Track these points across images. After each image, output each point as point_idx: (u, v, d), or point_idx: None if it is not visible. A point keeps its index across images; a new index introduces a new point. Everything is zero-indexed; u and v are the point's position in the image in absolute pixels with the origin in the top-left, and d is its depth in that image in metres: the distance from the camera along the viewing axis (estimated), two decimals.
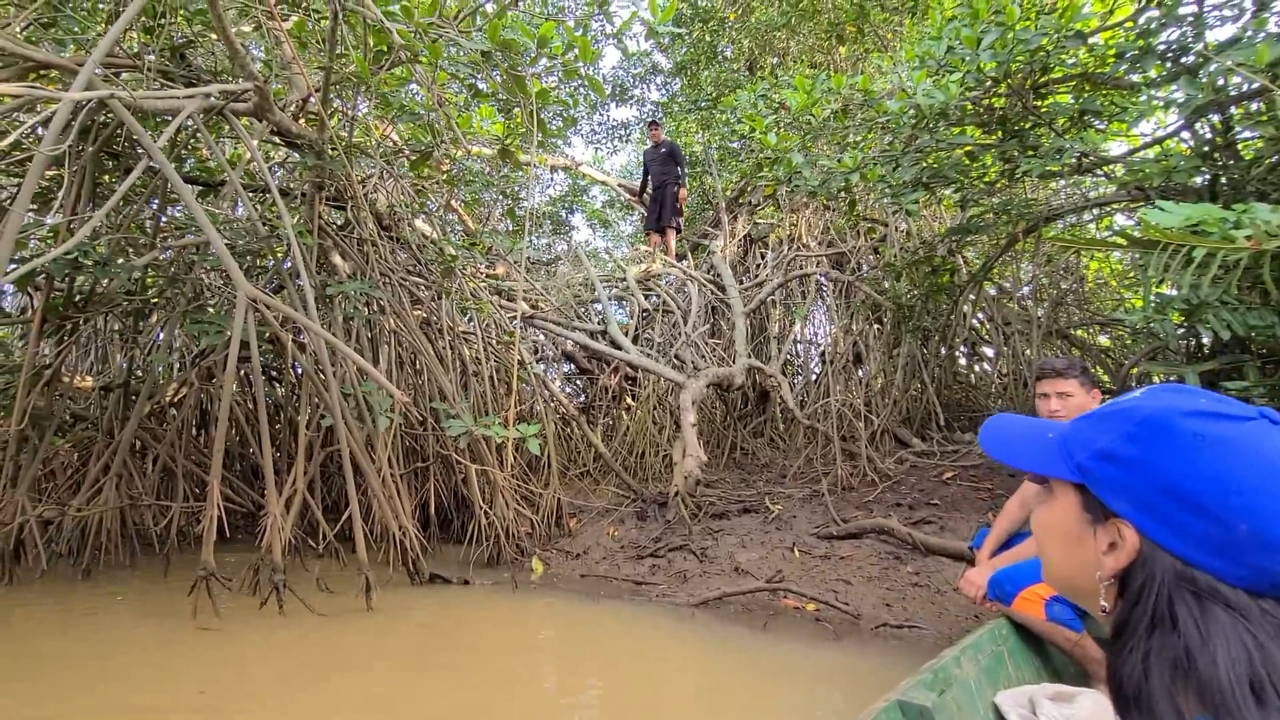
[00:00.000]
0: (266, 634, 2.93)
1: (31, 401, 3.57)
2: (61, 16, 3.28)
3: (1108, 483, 0.65)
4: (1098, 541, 0.66)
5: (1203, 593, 0.57)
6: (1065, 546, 0.70)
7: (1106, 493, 0.65)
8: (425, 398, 4.83)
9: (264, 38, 4.50)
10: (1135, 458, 0.63)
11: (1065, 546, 0.70)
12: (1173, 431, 0.62)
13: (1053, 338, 5.75)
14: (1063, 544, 0.70)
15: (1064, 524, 0.70)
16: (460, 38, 3.39)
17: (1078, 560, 0.68)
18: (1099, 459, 0.66)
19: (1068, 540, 0.69)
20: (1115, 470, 0.64)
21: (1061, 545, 0.71)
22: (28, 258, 3.81)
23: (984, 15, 3.64)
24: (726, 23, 8.63)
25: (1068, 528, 0.69)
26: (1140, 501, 0.62)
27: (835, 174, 4.36)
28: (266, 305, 3.14)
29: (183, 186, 3.04)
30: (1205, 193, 3.45)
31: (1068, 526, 0.69)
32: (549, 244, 11.30)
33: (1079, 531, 0.68)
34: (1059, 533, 0.71)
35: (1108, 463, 0.65)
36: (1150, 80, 3.57)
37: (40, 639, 2.79)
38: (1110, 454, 0.65)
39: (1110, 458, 0.65)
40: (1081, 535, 0.68)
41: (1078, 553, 0.68)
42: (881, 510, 4.24)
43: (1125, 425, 0.65)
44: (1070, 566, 0.70)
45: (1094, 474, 0.66)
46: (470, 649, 3.00)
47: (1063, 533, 0.70)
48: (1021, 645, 1.99)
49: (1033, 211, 4.51)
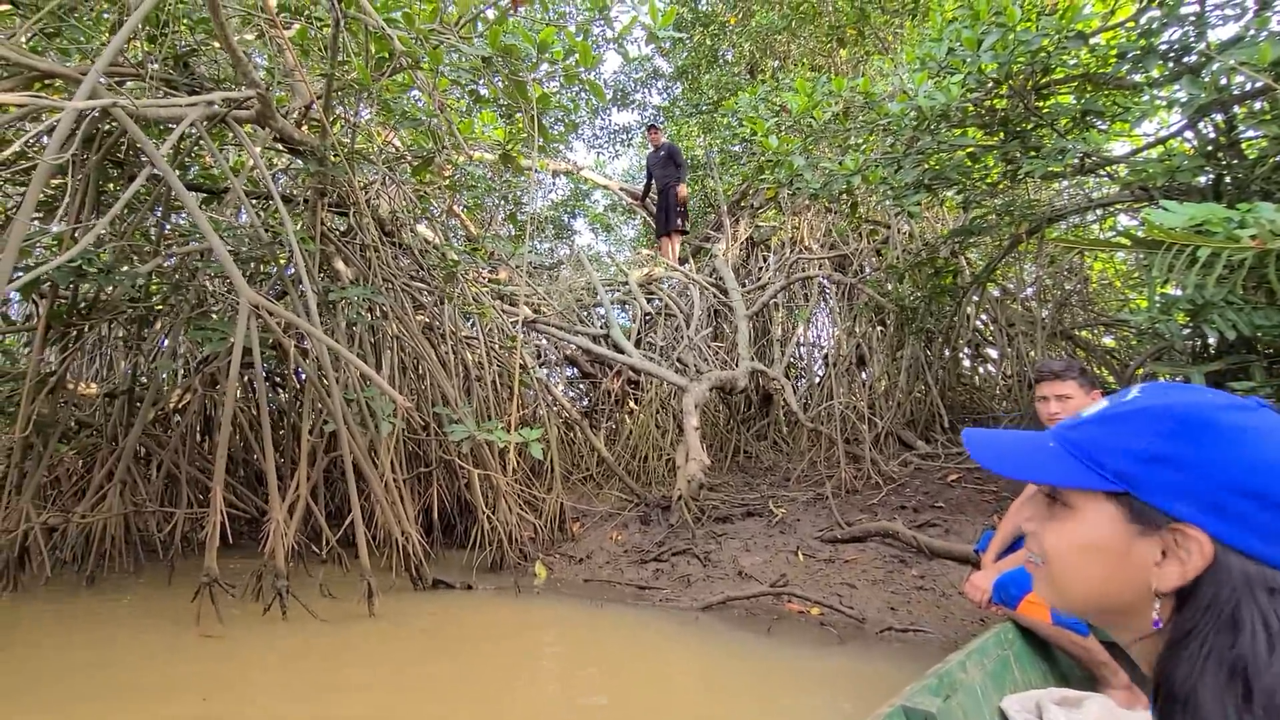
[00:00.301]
0: (270, 641, 2.92)
1: (36, 409, 3.58)
2: (66, 26, 3.30)
3: (1162, 487, 0.60)
4: (1146, 553, 0.60)
5: (1278, 591, 0.55)
6: (1106, 564, 0.63)
7: (1163, 498, 0.60)
8: (428, 403, 4.83)
9: (266, 45, 4.52)
10: (1188, 457, 0.59)
11: (1106, 564, 0.63)
12: (1219, 426, 0.60)
13: (1057, 339, 5.72)
14: (1102, 562, 0.63)
15: (1101, 539, 0.63)
16: (461, 44, 3.41)
17: (1123, 577, 0.62)
18: (1144, 463, 0.61)
19: (1109, 557, 0.63)
20: (1169, 472, 0.60)
21: (1100, 563, 0.63)
22: (32, 265, 3.83)
23: (984, 17, 3.63)
24: (727, 27, 8.64)
25: (1108, 543, 0.63)
26: (1206, 502, 0.58)
27: (837, 176, 4.35)
28: (269, 311, 3.15)
29: (185, 194, 3.05)
30: (1209, 192, 3.43)
31: (1108, 541, 0.63)
32: (551, 248, 11.32)
33: (1123, 545, 0.62)
34: (1095, 550, 0.63)
35: (1157, 465, 0.60)
36: (1152, 80, 3.56)
37: (44, 647, 2.79)
38: (1157, 456, 0.61)
39: (1159, 460, 0.60)
40: (1128, 548, 0.62)
41: (1122, 569, 0.62)
42: (886, 513, 4.22)
43: (1160, 424, 0.62)
44: (1113, 585, 0.63)
45: (1143, 480, 0.61)
46: (473, 655, 2.99)
47: (1102, 549, 0.63)
48: (1028, 649, 1.98)
49: (1035, 213, 4.49)
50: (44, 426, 3.73)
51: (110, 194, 4.03)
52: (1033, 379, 2.47)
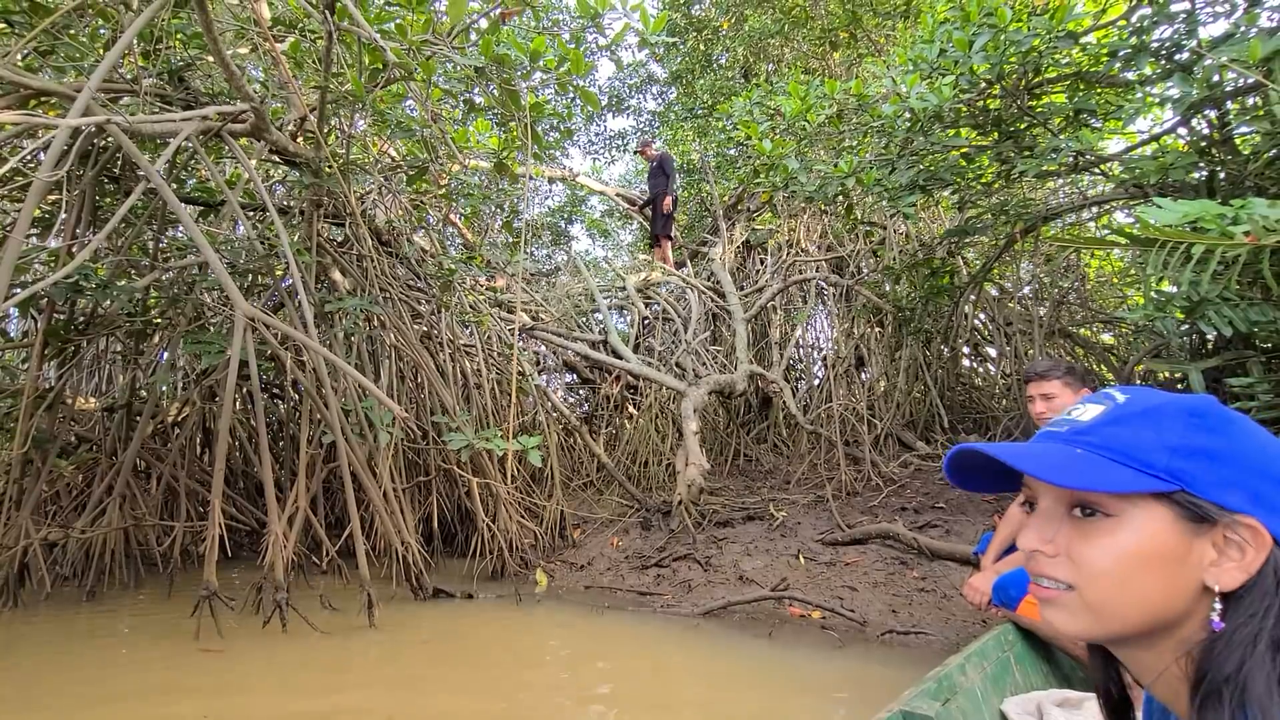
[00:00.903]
0: (270, 654, 2.92)
1: (34, 424, 3.58)
2: (60, 44, 3.32)
3: (1215, 481, 0.57)
4: (1200, 552, 0.57)
5: None
6: (1165, 572, 0.57)
7: (1214, 490, 0.57)
8: (426, 412, 4.83)
9: (260, 59, 4.54)
10: (1224, 449, 0.58)
11: (1165, 572, 0.57)
12: (1231, 416, 0.60)
13: (1055, 337, 5.72)
14: (1162, 570, 0.57)
15: (1159, 545, 0.57)
16: (455, 54, 3.42)
17: (1181, 583, 0.57)
18: (1188, 457, 0.58)
19: (1168, 563, 0.57)
20: (1216, 466, 0.57)
21: (1159, 572, 0.57)
22: (29, 282, 3.84)
23: (975, 18, 3.65)
24: (720, 31, 8.67)
25: (1166, 547, 0.57)
26: (1250, 492, 0.56)
27: (832, 179, 4.36)
28: (265, 324, 3.15)
29: (180, 208, 3.06)
30: (1203, 188, 3.44)
31: (1166, 546, 0.57)
32: (549, 254, 11.34)
33: (1182, 547, 0.57)
34: (1153, 558, 0.57)
35: (1204, 459, 0.58)
36: (1145, 78, 3.57)
37: (45, 663, 2.78)
38: (1198, 450, 0.58)
39: (1200, 453, 0.58)
40: (1187, 551, 0.57)
41: (1181, 574, 0.57)
42: (886, 515, 4.21)
43: (1188, 419, 0.60)
44: (1172, 594, 0.57)
45: (1195, 475, 0.57)
46: (475, 664, 2.99)
47: (1160, 556, 0.57)
48: (1028, 651, 1.97)
49: (1030, 212, 4.50)
50: (42, 442, 3.73)
51: (106, 209, 4.04)
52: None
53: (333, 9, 3.23)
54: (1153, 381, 4.74)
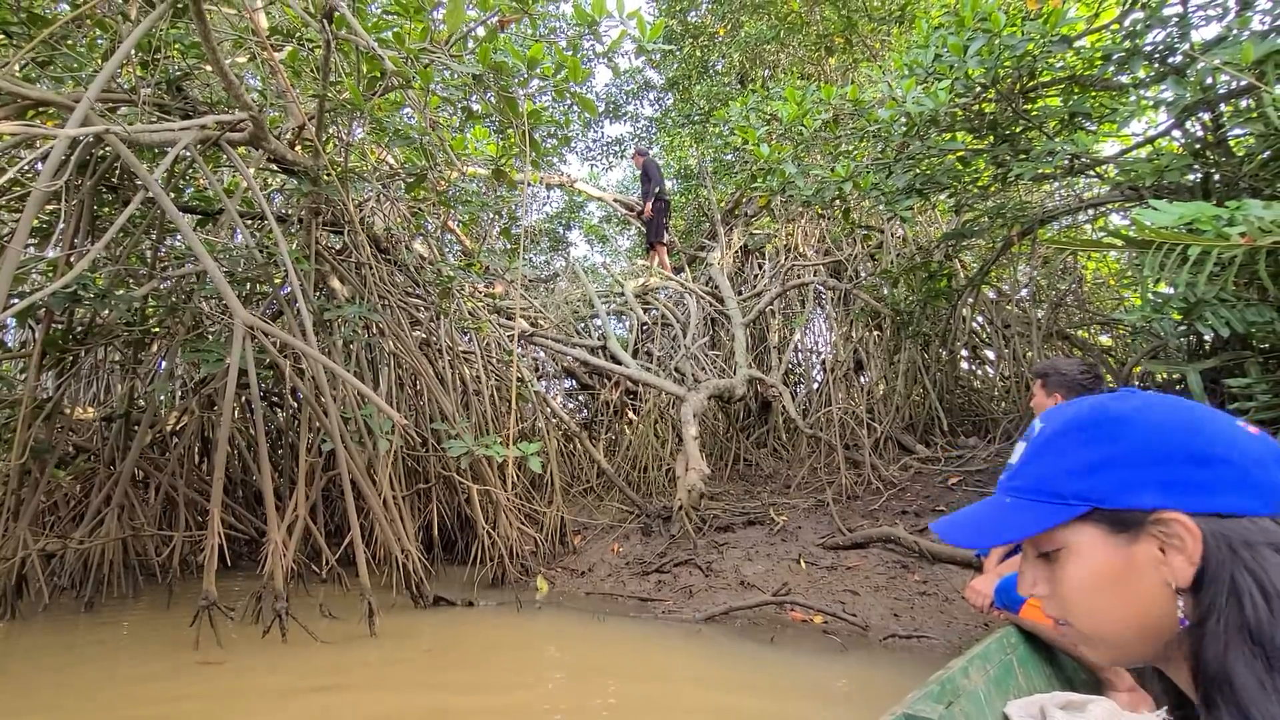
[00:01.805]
0: (270, 664, 2.90)
1: (33, 435, 3.57)
2: (59, 54, 3.33)
3: (1116, 487, 0.60)
4: (1144, 558, 0.59)
5: (1257, 539, 0.55)
6: (1119, 585, 0.60)
7: (1122, 496, 0.59)
8: (426, 419, 4.82)
9: (259, 68, 4.55)
10: (1119, 452, 0.60)
11: (1119, 585, 0.60)
12: (1123, 415, 0.62)
13: (1053, 339, 5.73)
14: (1115, 585, 0.60)
15: (1102, 563, 0.60)
16: (452, 62, 3.43)
17: (1141, 591, 0.59)
18: (1089, 473, 0.61)
19: (1118, 576, 0.60)
20: (1117, 472, 0.60)
21: (1114, 587, 0.60)
22: (27, 292, 3.83)
23: (969, 23, 3.67)
24: (716, 37, 8.72)
25: (1110, 563, 0.60)
26: (1156, 484, 0.58)
27: (829, 183, 4.38)
28: (264, 332, 3.15)
29: (179, 218, 3.06)
30: (1198, 190, 3.45)
31: (1109, 562, 0.60)
32: (547, 260, 11.35)
33: (1123, 558, 0.59)
34: (1103, 577, 0.60)
35: (1105, 470, 0.60)
36: (1139, 81, 3.59)
37: (43, 675, 2.77)
38: (1093, 464, 0.61)
39: (1101, 465, 0.61)
40: (1129, 559, 0.59)
41: (1137, 582, 0.59)
42: (887, 518, 4.21)
43: (1078, 436, 0.63)
44: (1137, 603, 0.59)
45: (1101, 490, 0.60)
46: (476, 672, 2.97)
47: (1108, 573, 0.60)
48: (1031, 653, 1.96)
49: (1027, 215, 4.52)
50: (41, 452, 3.71)
51: (105, 218, 4.04)
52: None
53: (331, 18, 3.25)
54: (1151, 383, 4.75)
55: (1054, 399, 2.34)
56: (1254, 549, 0.55)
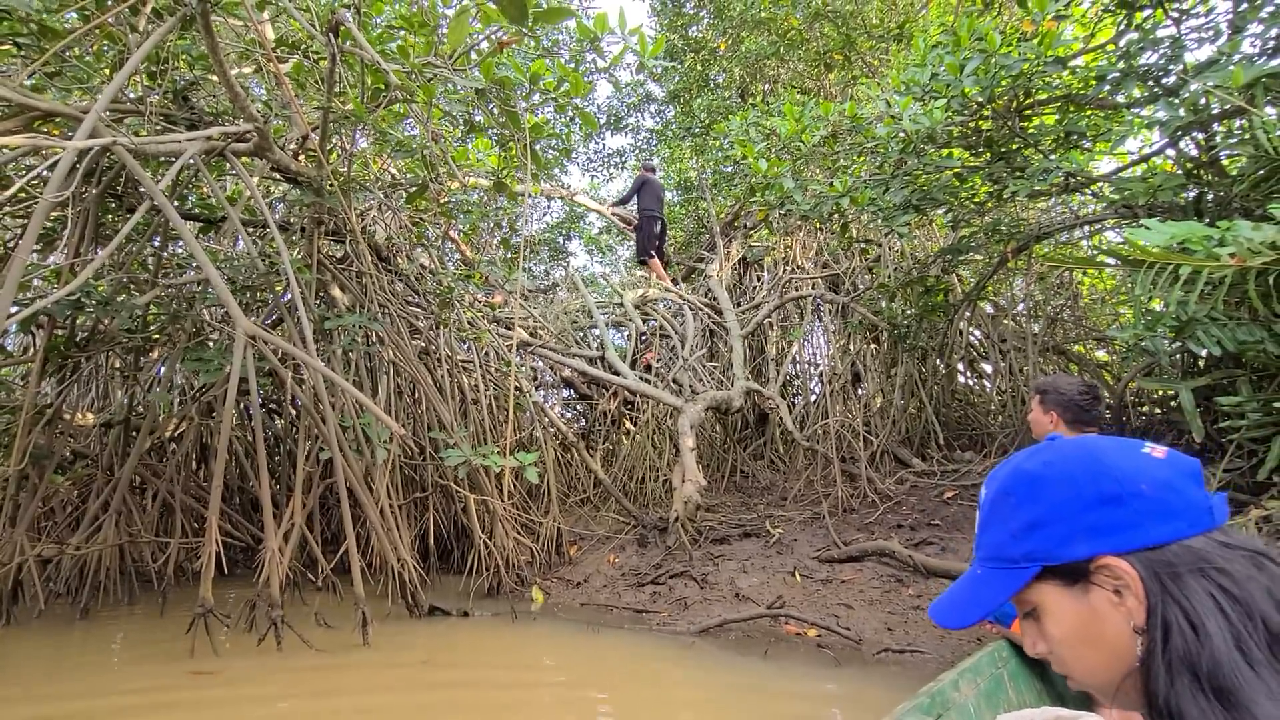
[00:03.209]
0: (265, 673, 2.90)
1: (32, 440, 3.58)
2: (67, 66, 3.37)
3: (1054, 542, 0.63)
4: (1102, 604, 0.61)
5: (1179, 566, 0.57)
6: (1089, 636, 0.62)
7: (1062, 551, 0.62)
8: (424, 427, 4.84)
9: (264, 78, 4.61)
10: (1044, 509, 0.64)
11: (1089, 636, 0.62)
12: (1034, 473, 0.66)
13: (1049, 354, 5.76)
14: (1089, 638, 0.62)
15: (1073, 617, 0.63)
16: (455, 76, 3.48)
17: (1110, 636, 0.60)
18: (1025, 535, 0.65)
19: (1088, 629, 0.62)
20: (1048, 530, 0.63)
21: (1086, 640, 0.62)
22: (31, 299, 3.86)
23: (966, 42, 3.73)
24: (717, 52, 8.81)
25: (1077, 617, 0.62)
26: (1085, 532, 0.61)
27: (826, 198, 4.43)
28: (265, 341, 3.18)
29: (184, 228, 3.10)
30: (1191, 209, 3.49)
31: (1076, 615, 0.62)
32: (547, 270, 11.40)
33: (1083, 609, 0.62)
34: (1078, 631, 0.63)
35: (1037, 531, 0.64)
36: (1133, 101, 3.65)
37: (37, 684, 2.76)
38: (1027, 525, 0.65)
39: (1033, 527, 0.64)
40: (1090, 610, 0.62)
41: (1102, 633, 0.61)
42: (882, 532, 4.22)
43: (1005, 503, 0.68)
44: (1108, 649, 0.61)
45: (1041, 549, 0.64)
46: (470, 683, 2.97)
47: (1079, 627, 0.62)
48: (1022, 668, 1.97)
49: (1023, 231, 4.56)
50: (40, 458, 3.72)
51: (109, 226, 4.07)
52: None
53: (336, 31, 3.30)
54: (1146, 400, 4.78)
55: (1050, 416, 2.37)
56: (1179, 579, 0.57)
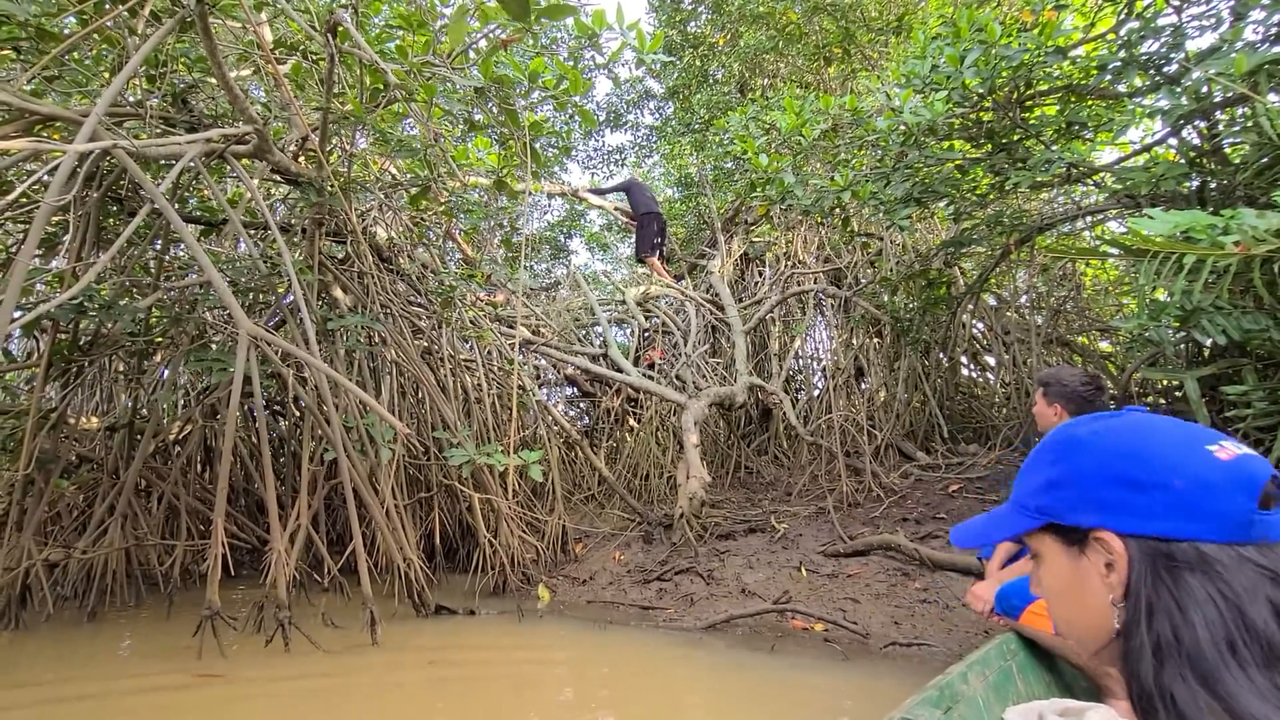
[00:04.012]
0: (272, 674, 2.91)
1: (38, 445, 3.59)
2: (66, 70, 3.37)
3: (1065, 505, 0.66)
4: (1093, 570, 0.64)
5: (1178, 564, 0.58)
6: (1075, 596, 0.66)
7: (1070, 514, 0.66)
8: (428, 427, 4.84)
9: (263, 80, 4.60)
10: (1067, 472, 0.67)
11: (1075, 596, 0.66)
12: (1076, 438, 0.68)
13: (1053, 345, 5.75)
14: (1072, 594, 0.67)
15: (1063, 572, 0.67)
16: (454, 75, 3.47)
17: (1091, 603, 0.65)
18: (1045, 491, 0.69)
19: (1073, 587, 0.66)
20: (1062, 491, 0.67)
21: (1072, 597, 0.67)
22: (34, 304, 3.87)
23: (966, 34, 3.71)
24: (716, 47, 8.79)
25: (1067, 573, 0.67)
26: (1097, 503, 0.64)
27: (827, 192, 4.41)
28: (268, 342, 3.18)
29: (185, 230, 3.09)
30: (1194, 198, 3.48)
31: (1066, 572, 0.67)
32: (548, 268, 11.39)
33: (1075, 571, 0.66)
34: (1064, 585, 0.67)
35: (1054, 490, 0.68)
36: (1135, 90, 3.63)
37: (46, 688, 2.77)
38: (1050, 482, 0.68)
39: (1053, 485, 0.68)
40: (1079, 573, 0.66)
41: (1086, 594, 0.65)
42: (888, 525, 4.22)
43: (1044, 456, 0.71)
44: (1088, 612, 0.65)
45: (1051, 506, 0.68)
46: (478, 681, 2.98)
47: (1066, 584, 0.67)
48: (1031, 660, 1.97)
49: (1025, 223, 4.55)
50: (45, 463, 3.73)
51: (110, 230, 4.08)
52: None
53: (335, 32, 3.29)
54: (1151, 390, 4.76)
55: (1054, 408, 2.36)
56: (1175, 573, 0.58)
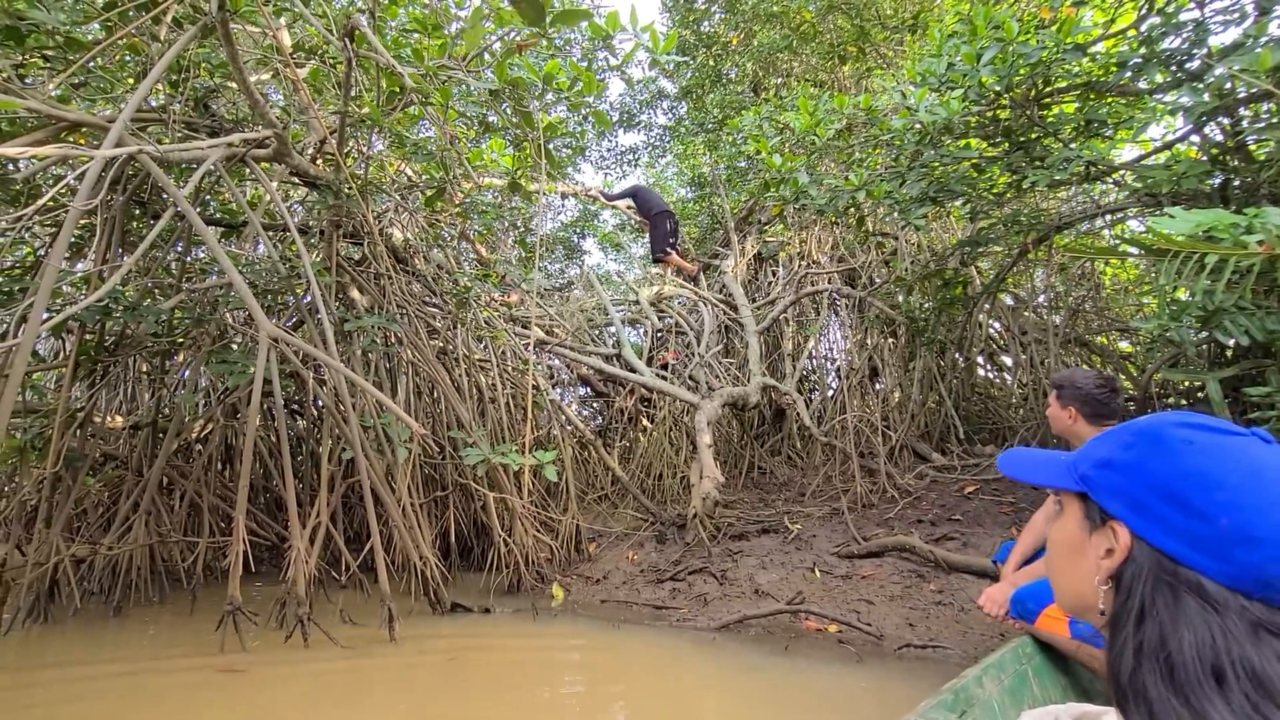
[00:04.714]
0: (292, 669, 2.96)
1: (66, 443, 3.68)
2: (92, 77, 3.45)
3: (1106, 488, 0.69)
4: (1095, 548, 0.69)
5: (1181, 585, 0.60)
6: (1070, 558, 0.73)
7: (1104, 496, 0.69)
8: (443, 427, 4.89)
9: (282, 84, 4.68)
10: (1130, 463, 0.68)
11: (1070, 558, 0.73)
12: (1164, 437, 0.67)
13: (1071, 345, 5.68)
14: (1068, 556, 0.73)
15: (1069, 535, 0.73)
16: (470, 78, 3.51)
17: (1080, 570, 0.71)
18: (1099, 467, 0.71)
19: (1071, 551, 0.73)
20: (1113, 475, 0.69)
21: (1067, 557, 0.73)
22: (62, 305, 3.96)
23: (982, 31, 3.68)
24: (729, 47, 8.77)
25: (1072, 538, 0.73)
26: (1133, 502, 0.65)
27: (842, 192, 4.39)
28: (288, 343, 3.23)
29: (208, 233, 3.16)
30: (1217, 196, 3.42)
31: (1072, 536, 0.73)
32: (562, 269, 11.44)
33: (1080, 539, 0.72)
34: (1064, 545, 0.74)
35: (1107, 470, 0.70)
36: (1156, 86, 3.57)
37: (74, 684, 2.84)
38: (1109, 462, 0.70)
39: (1109, 465, 0.70)
40: (1082, 543, 0.71)
41: (1079, 562, 0.71)
42: (902, 527, 4.19)
43: (1124, 436, 0.71)
44: (1075, 577, 0.72)
45: (1094, 481, 0.71)
46: (493, 679, 3.01)
47: (1067, 544, 0.73)
48: (1047, 664, 1.96)
49: (1043, 222, 4.50)
50: (73, 460, 3.82)
51: (134, 232, 4.16)
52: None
53: (352, 36, 3.34)
54: (1171, 391, 4.69)
55: (1069, 411, 2.34)
56: (1176, 591, 0.60)
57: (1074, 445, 2.39)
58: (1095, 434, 2.56)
